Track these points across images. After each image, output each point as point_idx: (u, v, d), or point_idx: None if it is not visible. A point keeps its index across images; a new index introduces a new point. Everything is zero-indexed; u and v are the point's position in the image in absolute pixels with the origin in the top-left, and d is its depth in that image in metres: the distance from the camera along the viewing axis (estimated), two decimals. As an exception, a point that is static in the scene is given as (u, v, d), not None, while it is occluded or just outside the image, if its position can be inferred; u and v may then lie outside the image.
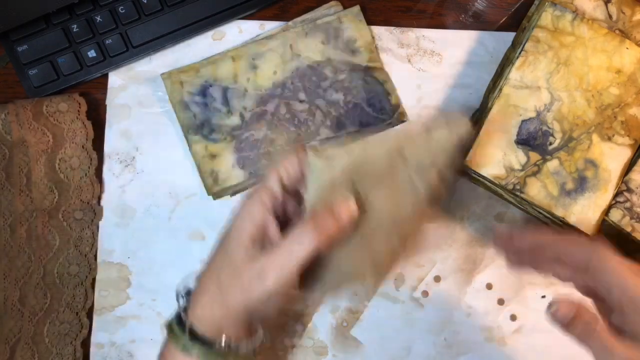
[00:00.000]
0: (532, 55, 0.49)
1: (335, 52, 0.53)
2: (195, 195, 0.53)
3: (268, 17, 0.55)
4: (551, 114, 0.48)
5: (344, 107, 0.53)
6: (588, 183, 0.48)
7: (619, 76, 0.48)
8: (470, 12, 0.56)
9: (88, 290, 0.52)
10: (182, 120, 0.53)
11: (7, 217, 0.51)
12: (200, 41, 0.55)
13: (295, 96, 0.53)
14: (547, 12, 0.49)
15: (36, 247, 0.51)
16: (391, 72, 0.54)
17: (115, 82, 0.54)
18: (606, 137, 0.48)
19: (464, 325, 0.52)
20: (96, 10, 0.53)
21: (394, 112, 0.53)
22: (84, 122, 0.52)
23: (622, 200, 0.49)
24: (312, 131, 0.53)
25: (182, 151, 0.54)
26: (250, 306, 0.37)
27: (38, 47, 0.52)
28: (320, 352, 0.52)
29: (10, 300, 0.50)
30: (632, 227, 0.48)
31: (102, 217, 0.53)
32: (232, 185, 0.52)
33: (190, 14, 0.53)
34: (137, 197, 0.53)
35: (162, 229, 0.53)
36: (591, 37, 0.49)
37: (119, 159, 0.54)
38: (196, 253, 0.53)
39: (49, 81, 0.53)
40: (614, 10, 0.50)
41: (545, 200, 0.47)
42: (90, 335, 0.52)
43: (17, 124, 0.51)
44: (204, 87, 0.53)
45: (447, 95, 0.54)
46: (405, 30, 0.55)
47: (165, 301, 0.53)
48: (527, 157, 0.48)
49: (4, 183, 0.52)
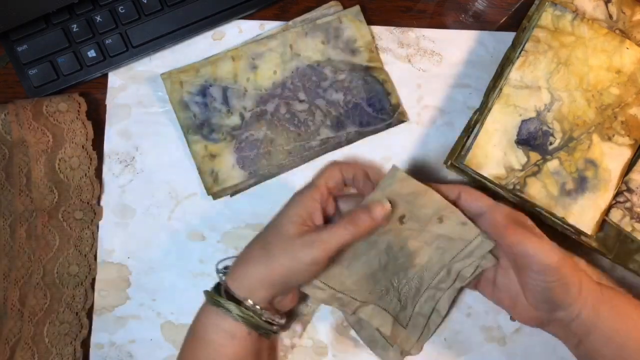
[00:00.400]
0: (532, 55, 0.49)
1: (335, 52, 0.53)
2: (195, 195, 0.53)
3: (268, 17, 0.55)
4: (551, 114, 0.48)
5: (344, 107, 0.53)
6: (588, 183, 0.48)
7: (619, 76, 0.48)
8: (470, 12, 0.56)
9: (88, 290, 0.52)
10: (182, 120, 0.53)
11: (7, 217, 0.51)
12: (200, 41, 0.55)
13: (295, 96, 0.53)
14: (547, 12, 0.49)
15: (36, 247, 0.51)
16: (391, 72, 0.54)
17: (115, 82, 0.54)
18: (606, 137, 0.48)
19: (464, 325, 0.52)
20: (96, 10, 0.53)
21: (394, 112, 0.53)
22: (84, 122, 0.52)
23: (622, 200, 0.49)
24: (312, 131, 0.53)
25: (182, 151, 0.54)
26: (295, 269, 0.43)
27: (38, 47, 0.52)
28: (320, 352, 0.52)
29: (10, 300, 0.50)
30: (632, 227, 0.48)
31: (102, 217, 0.53)
32: (232, 185, 0.52)
33: (190, 14, 0.53)
34: (137, 197, 0.53)
35: (162, 229, 0.53)
36: (591, 37, 0.49)
37: (119, 159, 0.54)
38: (196, 253, 0.53)
39: (49, 81, 0.53)
40: (614, 10, 0.50)
41: (546, 200, 0.47)
42: (90, 336, 0.52)
43: (17, 124, 0.50)
44: (203, 87, 0.53)
45: (447, 95, 0.54)
46: (405, 30, 0.55)
47: (165, 301, 0.52)
48: (527, 157, 0.48)
49: (4, 183, 0.52)
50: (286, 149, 0.53)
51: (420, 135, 0.54)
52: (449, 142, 0.53)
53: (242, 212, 0.53)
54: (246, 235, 0.53)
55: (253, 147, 0.53)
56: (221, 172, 0.52)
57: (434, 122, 0.54)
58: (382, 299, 0.49)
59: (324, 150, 0.53)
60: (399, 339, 0.49)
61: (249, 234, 0.53)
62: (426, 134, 0.54)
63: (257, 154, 0.53)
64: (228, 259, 0.47)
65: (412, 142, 0.54)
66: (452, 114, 0.54)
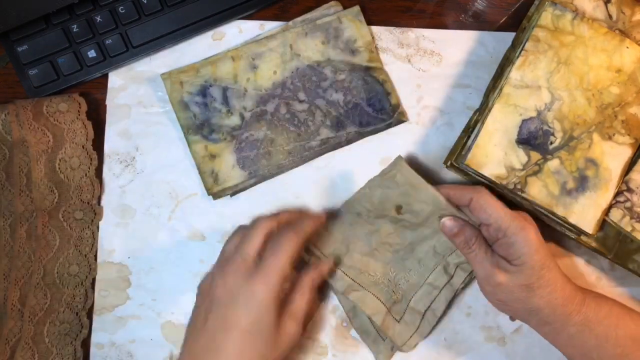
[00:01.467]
0: (532, 55, 0.49)
1: (335, 52, 0.53)
2: (195, 195, 0.53)
3: (268, 17, 0.55)
4: (552, 114, 0.48)
5: (344, 107, 0.53)
6: (589, 182, 0.47)
7: (619, 75, 0.48)
8: (470, 12, 0.56)
9: (88, 290, 0.52)
10: (182, 120, 0.53)
11: (7, 217, 0.51)
12: (200, 41, 0.55)
13: (295, 96, 0.53)
14: (547, 11, 0.49)
15: (36, 247, 0.51)
16: (391, 72, 0.54)
17: (115, 82, 0.54)
18: (607, 136, 0.48)
19: (464, 325, 0.52)
20: (96, 10, 0.53)
21: (394, 112, 0.53)
22: (84, 122, 0.52)
23: (622, 199, 0.49)
24: (312, 131, 0.53)
25: (182, 151, 0.54)
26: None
27: (38, 47, 0.52)
28: (320, 352, 0.52)
29: (11, 300, 0.50)
30: (632, 226, 0.48)
31: (102, 217, 0.53)
32: (232, 185, 0.52)
33: (190, 14, 0.53)
34: (137, 197, 0.53)
35: (162, 229, 0.53)
36: (591, 36, 0.49)
37: (119, 159, 0.54)
38: (196, 253, 0.53)
39: (49, 81, 0.53)
40: (613, 10, 0.50)
41: (546, 200, 0.47)
42: (90, 335, 0.52)
43: (17, 124, 0.50)
44: (203, 87, 0.53)
45: (447, 95, 0.54)
46: (405, 30, 0.55)
47: (165, 301, 0.52)
48: (527, 157, 0.48)
49: (4, 183, 0.52)
50: (286, 149, 0.53)
51: (420, 135, 0.54)
52: (449, 142, 0.53)
53: (242, 212, 0.53)
54: (246, 235, 0.53)
55: (253, 147, 0.53)
56: (221, 172, 0.52)
57: (434, 122, 0.54)
58: (376, 286, 0.50)
59: (324, 150, 0.53)
60: (390, 331, 0.49)
61: (249, 234, 0.53)
62: (426, 134, 0.54)
63: (257, 154, 0.53)
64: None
65: (412, 142, 0.54)
66: (452, 114, 0.54)
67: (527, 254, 0.43)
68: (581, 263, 0.53)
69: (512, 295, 0.44)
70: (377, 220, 0.51)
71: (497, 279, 0.44)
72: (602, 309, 0.44)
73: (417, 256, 0.50)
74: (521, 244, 0.43)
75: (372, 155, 0.54)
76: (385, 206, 0.50)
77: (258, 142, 0.53)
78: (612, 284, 0.53)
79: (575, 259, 0.53)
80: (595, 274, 0.53)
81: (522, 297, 0.44)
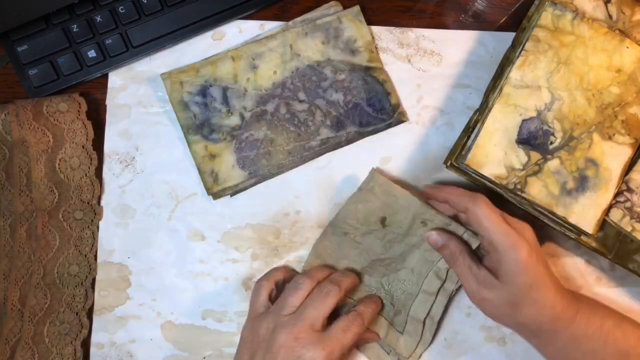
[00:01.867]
0: (532, 55, 0.49)
1: (335, 52, 0.53)
2: (195, 195, 0.53)
3: (268, 17, 0.55)
4: (552, 113, 0.48)
5: (344, 107, 0.53)
6: (589, 182, 0.47)
7: (620, 75, 0.48)
8: (470, 12, 0.56)
9: (88, 290, 0.52)
10: (182, 120, 0.53)
11: (7, 217, 0.51)
12: (200, 41, 0.55)
13: (295, 96, 0.53)
14: (547, 11, 0.49)
15: (36, 247, 0.51)
16: (391, 72, 0.54)
17: (115, 82, 0.54)
18: (607, 136, 0.48)
19: (464, 325, 0.52)
20: (96, 10, 0.53)
21: (394, 112, 0.53)
22: (84, 122, 0.52)
23: (622, 200, 0.48)
24: (312, 131, 0.53)
25: (182, 151, 0.54)
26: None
27: (38, 47, 0.52)
28: (320, 352, 0.52)
29: (11, 300, 0.50)
30: (632, 226, 0.48)
31: (103, 217, 0.53)
32: (232, 185, 0.52)
33: (190, 14, 0.53)
34: (137, 197, 0.53)
35: (162, 229, 0.53)
36: (591, 36, 0.49)
37: (119, 159, 0.54)
38: (196, 253, 0.53)
39: (49, 81, 0.53)
40: (613, 10, 0.50)
41: (546, 200, 0.47)
42: (90, 335, 0.52)
43: (17, 124, 0.50)
44: (203, 87, 0.53)
45: (447, 95, 0.54)
46: (405, 30, 0.55)
47: (165, 301, 0.52)
48: (527, 157, 0.48)
49: (4, 183, 0.52)
50: (286, 149, 0.53)
51: (420, 135, 0.54)
52: (449, 142, 0.53)
53: (242, 212, 0.53)
54: (246, 235, 0.53)
55: (253, 147, 0.53)
56: (221, 172, 0.52)
57: (434, 122, 0.54)
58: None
59: (324, 150, 0.53)
60: (395, 343, 0.50)
61: (249, 234, 0.53)
62: (426, 134, 0.54)
63: (257, 154, 0.53)
64: None
65: (412, 142, 0.54)
66: (452, 114, 0.54)
67: (514, 274, 0.43)
68: (581, 263, 0.53)
69: (498, 310, 0.45)
70: (365, 238, 0.51)
71: (482, 295, 0.44)
72: (592, 324, 0.44)
73: (409, 265, 0.50)
74: (509, 263, 0.43)
75: (372, 155, 0.54)
76: (370, 220, 0.51)
77: (258, 142, 0.53)
78: (612, 284, 0.53)
79: (575, 259, 0.53)
80: (595, 274, 0.53)
81: (507, 312, 0.44)
